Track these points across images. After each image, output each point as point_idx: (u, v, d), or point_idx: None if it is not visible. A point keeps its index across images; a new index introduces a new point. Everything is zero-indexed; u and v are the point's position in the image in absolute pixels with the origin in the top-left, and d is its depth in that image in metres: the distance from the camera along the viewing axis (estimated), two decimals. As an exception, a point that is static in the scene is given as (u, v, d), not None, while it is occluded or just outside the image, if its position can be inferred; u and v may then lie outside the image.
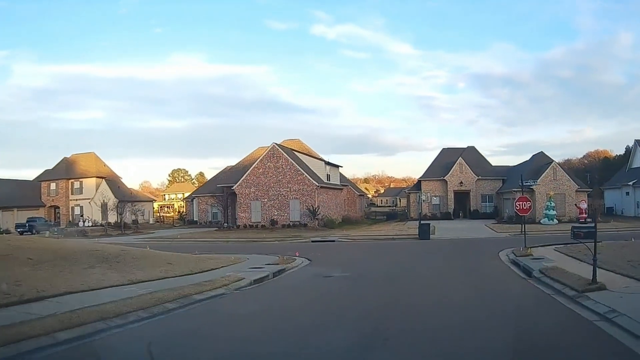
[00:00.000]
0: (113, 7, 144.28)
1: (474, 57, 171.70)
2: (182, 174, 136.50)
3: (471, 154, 61.01)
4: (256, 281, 15.88)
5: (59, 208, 71.23)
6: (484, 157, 62.32)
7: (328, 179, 54.39)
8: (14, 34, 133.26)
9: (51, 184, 71.22)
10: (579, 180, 50.14)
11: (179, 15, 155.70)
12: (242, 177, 51.46)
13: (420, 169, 59.39)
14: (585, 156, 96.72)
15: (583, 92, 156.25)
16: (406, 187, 77.61)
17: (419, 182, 60.39)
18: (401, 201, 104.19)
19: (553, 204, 43.82)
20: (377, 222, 62.69)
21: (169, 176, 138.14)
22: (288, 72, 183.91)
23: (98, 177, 70.70)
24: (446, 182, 58.44)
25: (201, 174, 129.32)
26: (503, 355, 7.12)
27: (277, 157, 50.22)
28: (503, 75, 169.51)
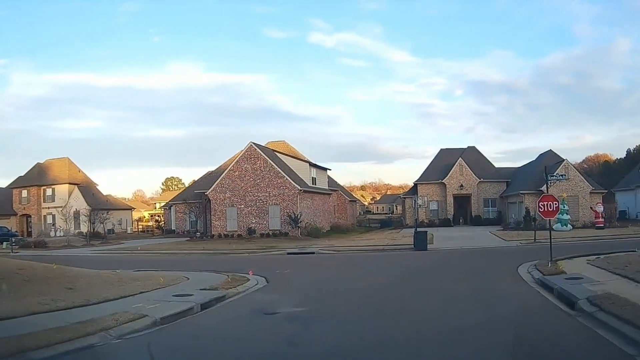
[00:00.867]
0: (111, 16, 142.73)
1: (472, 65, 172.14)
2: (176, 182, 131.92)
3: (472, 155, 55.71)
4: (165, 320, 10.59)
5: (31, 217, 66.96)
6: (486, 158, 56.95)
7: (314, 183, 49.02)
8: (12, 43, 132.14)
9: (22, 191, 67.07)
10: (593, 180, 44.80)
11: (177, 24, 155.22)
12: (216, 181, 46.17)
13: (417, 176, 53.84)
14: (584, 160, 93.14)
15: (581, 99, 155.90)
16: (402, 193, 71.56)
17: (415, 186, 54.97)
18: (397, 208, 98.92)
19: (567, 208, 38.48)
20: (371, 230, 57.54)
21: (163, 184, 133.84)
22: (286, 81, 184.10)
23: (71, 184, 66.38)
24: (445, 186, 53.09)
25: (194, 182, 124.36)
26: None
27: (255, 158, 44.95)
28: (501, 82, 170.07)
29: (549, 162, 44.83)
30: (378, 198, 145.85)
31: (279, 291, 14.69)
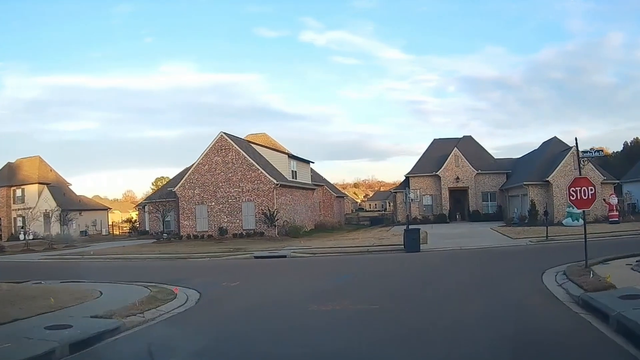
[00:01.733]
0: (104, 18, 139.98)
1: (465, 61, 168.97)
2: (166, 182, 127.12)
3: (468, 145, 50.84)
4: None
5: (0, 219, 62.01)
6: (484, 149, 51.86)
7: (294, 177, 44.14)
8: (5, 46, 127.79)
9: (-9, 192, 62.10)
10: (603, 169, 40.05)
11: (170, 25, 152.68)
12: (185, 177, 41.27)
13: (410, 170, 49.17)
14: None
15: (575, 94, 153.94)
16: (393, 188, 66.20)
17: (407, 180, 49.97)
18: (390, 205, 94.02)
19: (578, 200, 33.76)
20: (360, 228, 52.77)
21: (153, 184, 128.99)
22: (279, 80, 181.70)
23: (41, 184, 61.76)
24: (439, 178, 48.25)
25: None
26: None
27: (226, 150, 40.03)
28: (494, 78, 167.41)
29: (555, 150, 40.32)
30: (371, 195, 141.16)
31: (199, 320, 10.26)
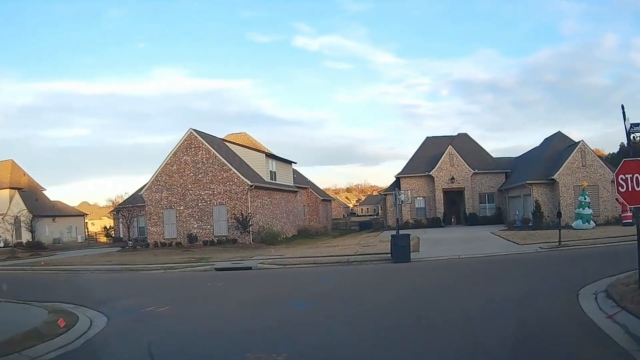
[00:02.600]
0: (97, 24, 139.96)
1: (458, 64, 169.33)
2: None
3: (464, 143, 46.94)
4: None
5: (-28, 227, 57.97)
6: (481, 147, 47.80)
7: (273, 178, 40.06)
8: None
9: (-38, 198, 58.26)
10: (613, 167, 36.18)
11: (162, 30, 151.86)
12: (151, 178, 37.17)
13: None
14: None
15: (569, 95, 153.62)
16: (382, 190, 61.24)
17: (398, 181, 45.94)
18: (382, 209, 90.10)
19: (588, 200, 29.96)
20: (347, 234, 48.78)
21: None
22: (271, 85, 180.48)
23: (12, 188, 57.46)
24: (433, 179, 44.31)
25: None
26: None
27: (196, 148, 35.98)
28: (487, 80, 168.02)
29: (559, 146, 36.56)
30: (363, 199, 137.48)
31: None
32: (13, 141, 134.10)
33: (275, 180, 40.27)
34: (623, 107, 10.35)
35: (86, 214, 76.20)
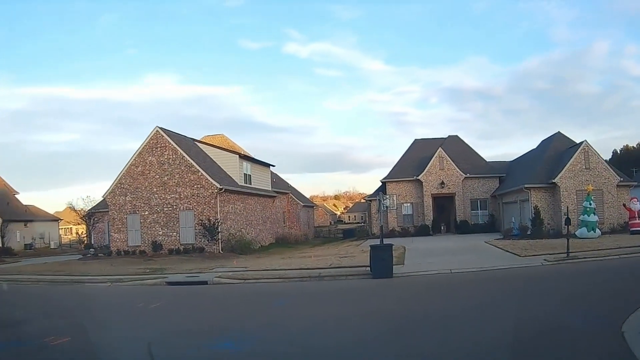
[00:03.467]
0: (88, 29, 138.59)
1: (447, 72, 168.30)
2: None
3: (455, 145, 43.89)
4: None
5: None
6: (473, 149, 44.76)
7: (247, 181, 36.72)
8: None
9: None
10: (618, 170, 33.22)
11: (153, 36, 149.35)
12: (115, 181, 33.74)
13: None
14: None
15: (559, 103, 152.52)
16: (367, 196, 57.15)
17: (384, 185, 42.80)
18: (368, 216, 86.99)
19: (594, 206, 26.91)
20: (331, 242, 45.60)
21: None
22: (262, 92, 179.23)
23: None
24: (421, 184, 41.17)
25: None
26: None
27: (162, 148, 32.64)
28: (477, 88, 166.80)
29: (559, 147, 33.57)
30: (351, 206, 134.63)
31: None
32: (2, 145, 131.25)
33: (250, 184, 36.95)
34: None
35: (60, 219, 72.61)
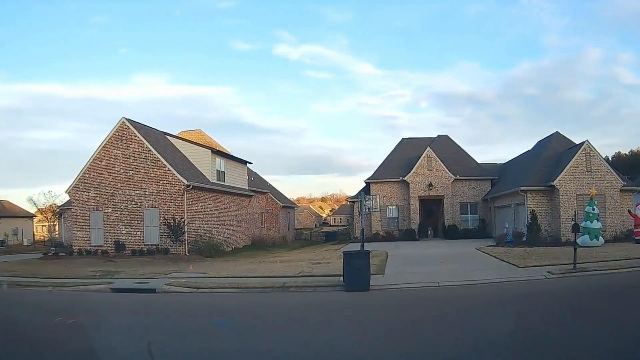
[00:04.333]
0: (79, 28, 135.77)
1: (438, 76, 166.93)
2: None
3: (444, 145, 41.44)
4: None
5: None
6: (464, 150, 42.19)
7: (220, 179, 33.92)
8: None
9: None
10: (620, 173, 30.79)
11: (144, 35, 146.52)
12: (78, 175, 30.89)
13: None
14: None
15: (550, 109, 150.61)
16: (350, 197, 53.87)
17: (368, 186, 40.23)
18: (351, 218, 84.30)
19: (597, 211, 24.47)
20: (311, 245, 43.06)
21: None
22: (252, 93, 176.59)
23: None
24: (408, 185, 38.64)
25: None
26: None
27: (128, 140, 29.85)
28: (467, 93, 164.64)
29: (558, 148, 31.19)
30: (337, 209, 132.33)
31: None
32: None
33: (223, 181, 34.17)
34: None
35: (34, 216, 69.75)
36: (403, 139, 44.13)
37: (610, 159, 73.18)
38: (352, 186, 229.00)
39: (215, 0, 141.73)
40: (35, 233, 70.55)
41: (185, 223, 27.75)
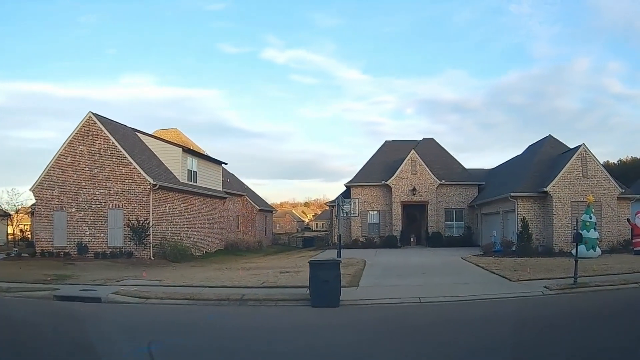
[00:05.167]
0: (68, 29, 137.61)
1: (424, 83, 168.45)
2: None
3: (429, 149, 39.75)
4: None
5: None
6: (449, 154, 40.63)
7: (192, 179, 31.85)
8: None
9: None
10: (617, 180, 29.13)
11: (133, 37, 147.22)
12: (42, 172, 28.71)
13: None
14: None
15: (537, 118, 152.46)
16: (329, 201, 51.34)
17: (348, 190, 38.35)
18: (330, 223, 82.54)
19: (594, 220, 22.79)
20: (288, 250, 41.17)
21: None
22: (238, 97, 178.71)
23: None
24: (390, 190, 36.82)
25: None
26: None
27: (94, 136, 27.77)
28: (454, 101, 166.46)
29: (551, 152, 29.66)
30: (319, 214, 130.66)
31: None
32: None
33: (195, 182, 32.13)
34: None
35: (9, 215, 66.91)
36: (386, 142, 42.42)
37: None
38: (335, 191, 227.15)
39: (204, 2, 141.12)
40: (11, 233, 67.86)
41: (149, 225, 25.74)
